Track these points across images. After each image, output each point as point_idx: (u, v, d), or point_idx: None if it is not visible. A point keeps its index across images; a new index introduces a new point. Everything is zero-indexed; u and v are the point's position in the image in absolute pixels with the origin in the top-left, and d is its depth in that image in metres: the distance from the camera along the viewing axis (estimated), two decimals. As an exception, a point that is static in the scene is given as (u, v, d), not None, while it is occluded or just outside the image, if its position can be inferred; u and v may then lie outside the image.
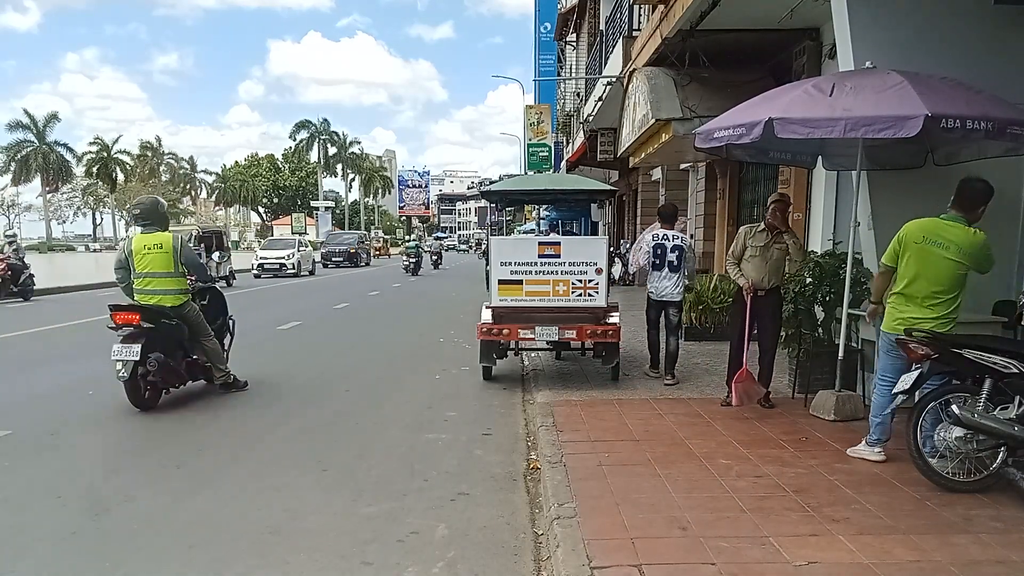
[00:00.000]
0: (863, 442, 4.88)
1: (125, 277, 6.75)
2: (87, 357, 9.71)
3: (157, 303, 6.54)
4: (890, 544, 3.53)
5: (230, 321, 7.66)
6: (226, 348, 7.41)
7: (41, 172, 66.07)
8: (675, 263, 7.24)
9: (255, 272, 28.28)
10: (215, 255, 21.13)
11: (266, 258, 28.83)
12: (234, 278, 23.32)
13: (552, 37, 32.27)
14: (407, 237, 47.96)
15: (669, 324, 7.41)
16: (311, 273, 30.46)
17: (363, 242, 41.42)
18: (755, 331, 6.34)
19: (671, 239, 7.29)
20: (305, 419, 6.40)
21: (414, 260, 29.73)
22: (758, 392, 6.21)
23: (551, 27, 32.00)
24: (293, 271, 28.39)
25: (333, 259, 37.05)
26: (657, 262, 7.29)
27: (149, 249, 6.58)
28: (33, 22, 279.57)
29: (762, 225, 6.32)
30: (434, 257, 37.59)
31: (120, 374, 6.18)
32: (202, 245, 20.36)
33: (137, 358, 6.15)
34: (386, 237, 67.28)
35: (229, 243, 23.80)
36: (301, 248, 30.40)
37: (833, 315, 6.38)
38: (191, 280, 6.93)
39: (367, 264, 40.12)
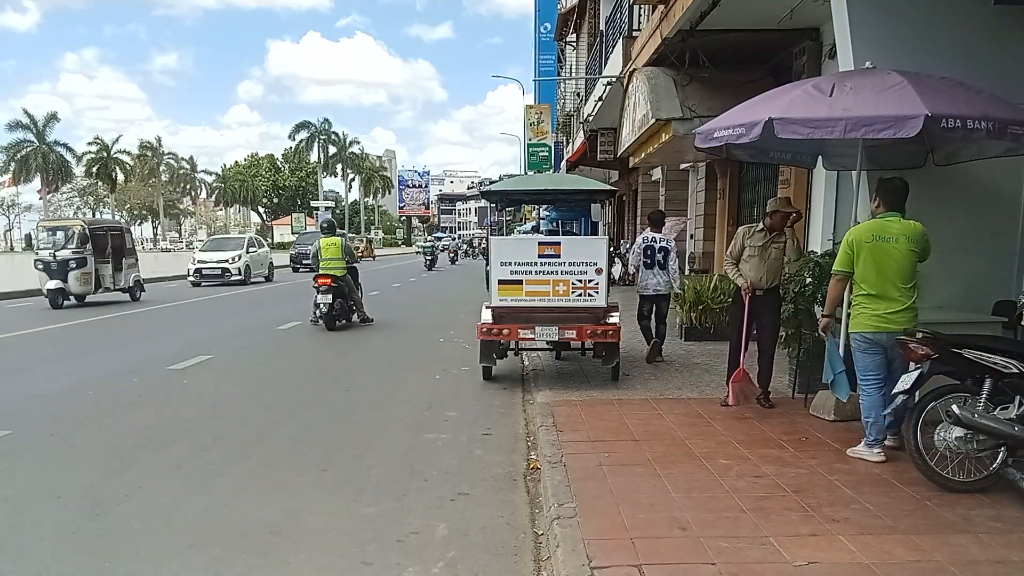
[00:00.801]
0: (862, 443, 4.90)
1: (315, 261, 12.24)
2: (87, 357, 9.72)
3: (333, 273, 11.79)
4: (890, 544, 3.53)
5: (360, 283, 13.02)
6: (361, 298, 12.89)
7: (41, 172, 66.00)
8: (663, 262, 8.37)
9: (192, 279, 22.84)
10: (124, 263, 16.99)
11: (205, 262, 23.23)
12: (142, 290, 18.03)
13: (552, 37, 32.26)
14: (426, 237, 54.47)
15: (659, 314, 8.52)
16: (267, 279, 25.34)
17: None
18: (754, 331, 6.36)
19: (659, 241, 8.43)
20: (305, 419, 6.41)
21: (430, 257, 35.12)
22: (754, 391, 6.26)
23: (551, 27, 32.00)
24: (239, 277, 22.99)
25: (303, 262, 30.69)
26: (648, 261, 8.38)
27: (328, 247, 12.05)
28: (32, 22, 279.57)
29: (761, 225, 6.33)
30: (451, 255, 44.73)
31: (321, 310, 11.73)
32: (87, 247, 15.81)
33: (330, 301, 11.69)
34: (371, 237, 61.96)
35: (132, 243, 18.39)
36: (252, 249, 24.70)
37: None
38: (347, 261, 12.24)
39: None
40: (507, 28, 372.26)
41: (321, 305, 11.70)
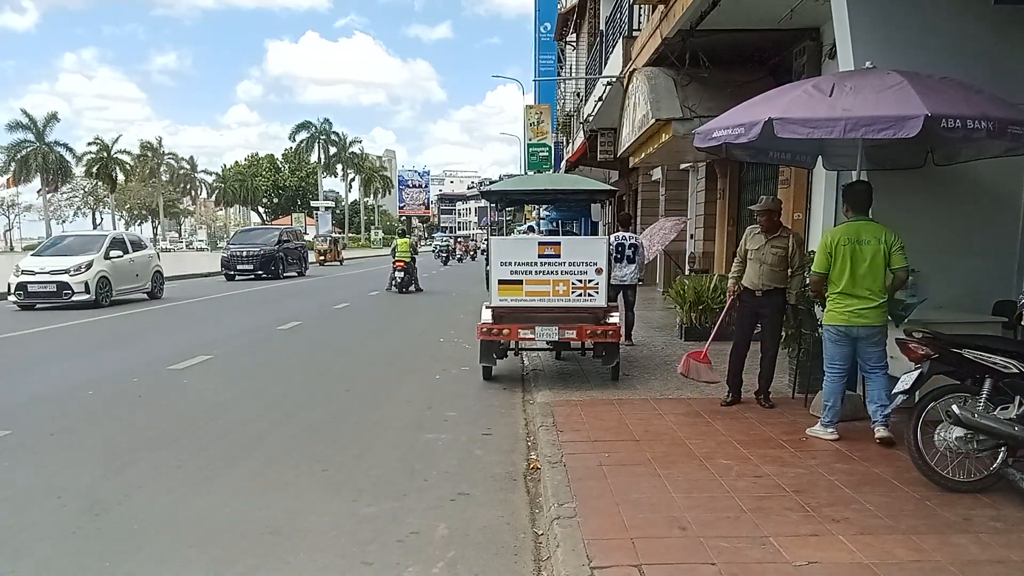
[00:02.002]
0: (819, 423, 5.27)
1: (393, 253, 19.57)
2: (87, 357, 9.72)
3: (406, 260, 19.26)
4: (890, 544, 3.53)
5: (416, 267, 20.05)
6: (416, 275, 20.00)
7: (41, 172, 65.97)
8: (632, 256, 9.50)
9: (14, 299, 15.08)
10: None
11: (33, 272, 15.07)
12: None
13: (552, 37, 32.26)
14: (439, 235, 58.05)
15: (628, 302, 9.58)
16: (151, 295, 17.26)
17: (288, 242, 27.69)
18: (757, 331, 6.38)
19: (627, 239, 9.62)
20: (305, 419, 6.40)
21: (444, 255, 41.11)
22: (708, 375, 6.54)
23: (551, 27, 32.00)
24: (87, 296, 14.84)
25: (238, 268, 25.33)
26: (618, 256, 9.36)
27: (403, 243, 19.43)
28: (31, 22, 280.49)
29: (759, 228, 6.34)
30: (471, 252, 50.66)
31: (396, 281, 19.46)
32: None
33: (403, 276, 19.45)
34: (336, 237, 49.67)
35: None
36: (116, 252, 16.05)
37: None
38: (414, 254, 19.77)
39: (300, 274, 27.78)
40: (506, 28, 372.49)
41: (397, 278, 19.26)
